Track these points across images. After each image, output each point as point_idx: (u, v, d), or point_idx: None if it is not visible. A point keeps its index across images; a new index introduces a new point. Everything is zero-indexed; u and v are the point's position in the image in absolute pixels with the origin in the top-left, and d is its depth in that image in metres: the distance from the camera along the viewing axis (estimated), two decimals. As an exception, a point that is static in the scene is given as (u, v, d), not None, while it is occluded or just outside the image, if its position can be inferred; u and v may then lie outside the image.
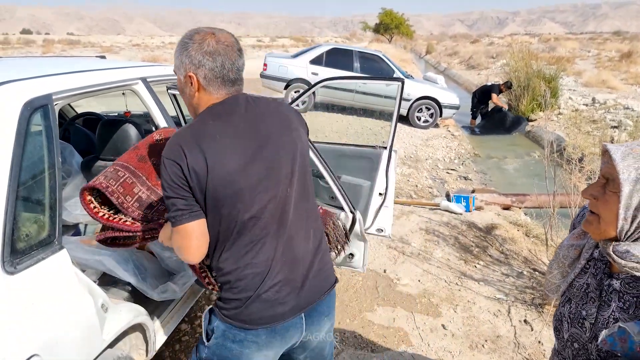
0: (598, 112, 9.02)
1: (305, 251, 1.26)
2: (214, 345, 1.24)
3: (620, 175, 0.80)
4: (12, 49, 26.27)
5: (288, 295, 1.22)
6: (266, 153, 1.15)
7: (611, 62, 19.75)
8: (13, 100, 1.30)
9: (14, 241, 1.20)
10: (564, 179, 3.36)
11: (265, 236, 1.17)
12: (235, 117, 1.14)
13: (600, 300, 0.92)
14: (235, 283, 1.19)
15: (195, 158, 1.07)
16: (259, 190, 1.13)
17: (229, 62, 1.13)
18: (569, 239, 1.03)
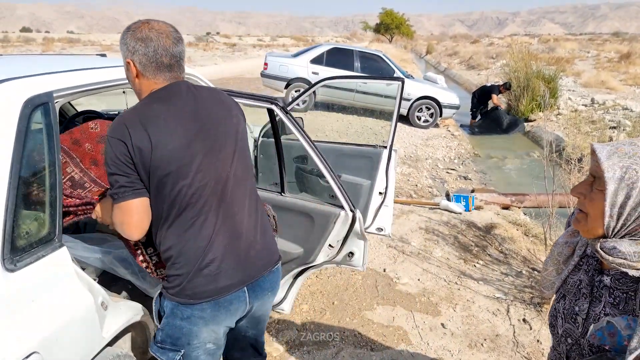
0: (597, 113, 9.03)
1: (248, 227, 1.33)
2: (165, 326, 1.33)
3: (605, 174, 0.81)
4: (11, 47, 26.23)
5: (231, 269, 1.28)
6: (208, 134, 1.23)
7: (610, 63, 19.77)
8: (14, 98, 1.30)
9: (14, 238, 1.20)
10: (563, 179, 3.36)
11: (208, 212, 1.24)
12: (178, 101, 1.22)
13: (591, 296, 0.94)
14: (178, 258, 1.24)
15: (139, 137, 1.14)
16: (200, 169, 1.21)
17: (162, 47, 1.21)
18: (564, 237, 1.06)
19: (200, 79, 2.49)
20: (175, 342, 1.34)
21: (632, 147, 0.83)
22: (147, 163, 1.15)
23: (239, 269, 1.31)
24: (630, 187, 0.80)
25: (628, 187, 0.80)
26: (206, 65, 19.57)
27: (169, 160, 1.16)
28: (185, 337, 1.32)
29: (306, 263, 1.95)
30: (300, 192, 2.76)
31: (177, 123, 1.19)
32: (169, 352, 1.35)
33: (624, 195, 0.81)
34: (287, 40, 55.21)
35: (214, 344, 1.39)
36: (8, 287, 1.16)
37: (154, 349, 1.39)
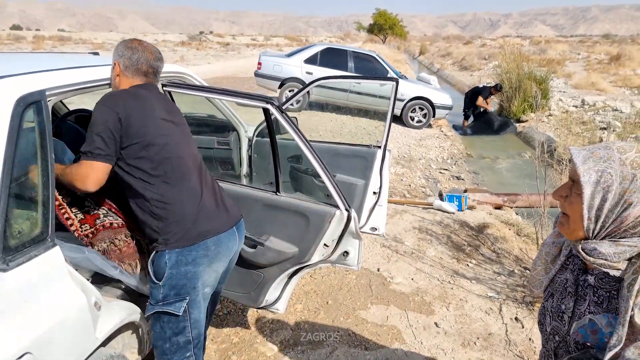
0: (587, 114, 9.14)
1: (217, 188, 1.68)
2: (168, 279, 1.48)
3: (582, 178, 0.84)
4: (1, 44, 25.86)
5: (222, 211, 1.61)
6: (175, 118, 1.61)
7: (600, 65, 20.02)
8: (6, 96, 1.29)
9: (6, 238, 1.18)
10: (554, 179, 3.40)
11: (191, 171, 1.56)
12: (151, 93, 1.56)
13: (576, 294, 0.96)
14: (179, 208, 1.49)
15: (128, 107, 1.44)
16: (177, 141, 1.54)
17: (144, 58, 1.56)
18: (551, 237, 1.08)
19: (194, 77, 2.48)
20: (179, 291, 1.49)
21: (607, 151, 0.85)
22: (133, 129, 1.42)
23: (226, 212, 1.63)
24: (605, 190, 0.82)
25: (604, 191, 0.82)
26: (199, 64, 19.48)
27: (154, 128, 1.47)
28: (190, 281, 1.50)
29: (301, 262, 1.95)
30: (295, 191, 2.76)
31: (154, 103, 1.53)
32: (175, 303, 1.49)
33: (600, 198, 0.83)
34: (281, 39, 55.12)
35: (210, 287, 1.62)
36: (0, 287, 1.14)
37: (155, 308, 1.49)
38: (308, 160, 1.81)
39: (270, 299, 2.06)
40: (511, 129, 9.03)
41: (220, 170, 3.06)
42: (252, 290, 2.05)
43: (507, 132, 8.99)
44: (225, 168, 3.08)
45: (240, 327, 2.49)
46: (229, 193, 2.03)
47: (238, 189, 2.11)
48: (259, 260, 1.97)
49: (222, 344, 2.35)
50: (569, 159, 0.92)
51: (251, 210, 2.01)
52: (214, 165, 3.03)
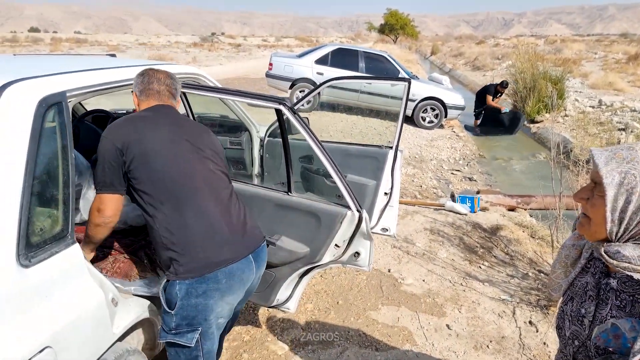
0: (605, 114, 8.98)
1: (236, 211, 1.59)
2: (179, 309, 1.43)
3: (604, 180, 0.82)
4: (20, 46, 26.44)
5: (237, 237, 1.52)
6: (186, 135, 1.56)
7: (618, 64, 19.62)
8: (28, 98, 1.32)
9: (28, 235, 1.22)
10: (570, 181, 3.35)
11: (201, 195, 1.48)
12: (159, 114, 1.57)
13: (598, 298, 0.94)
14: (186, 235, 1.44)
15: (128, 137, 1.44)
16: (182, 159, 1.49)
17: (155, 78, 1.63)
18: (571, 239, 1.06)
19: (207, 78, 2.52)
20: (191, 322, 1.44)
21: (630, 152, 0.83)
22: (132, 155, 1.42)
23: (242, 237, 1.54)
24: (629, 192, 0.81)
25: (627, 192, 0.81)
26: (211, 65, 19.65)
27: (154, 150, 1.45)
28: (201, 314, 1.44)
29: (312, 262, 1.96)
30: (306, 191, 2.78)
31: (160, 124, 1.53)
32: (187, 334, 1.45)
33: (623, 200, 0.81)
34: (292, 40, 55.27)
35: (224, 318, 1.56)
36: (22, 283, 1.18)
37: (169, 337, 1.46)
38: (319, 161, 1.82)
39: (281, 298, 2.08)
40: (522, 121, 8.83)
41: (232, 170, 3.10)
42: (264, 289, 2.07)
43: (519, 128, 8.83)
44: (237, 168, 3.11)
45: (252, 325, 2.52)
46: (241, 193, 2.06)
47: (250, 188, 2.13)
48: (271, 260, 1.98)
49: (234, 342, 2.37)
50: (587, 159, 0.91)
51: (263, 210, 2.03)
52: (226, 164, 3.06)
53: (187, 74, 2.38)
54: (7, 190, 1.18)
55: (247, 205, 1.71)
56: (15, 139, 1.24)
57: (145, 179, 1.44)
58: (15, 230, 1.18)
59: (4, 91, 1.27)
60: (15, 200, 1.19)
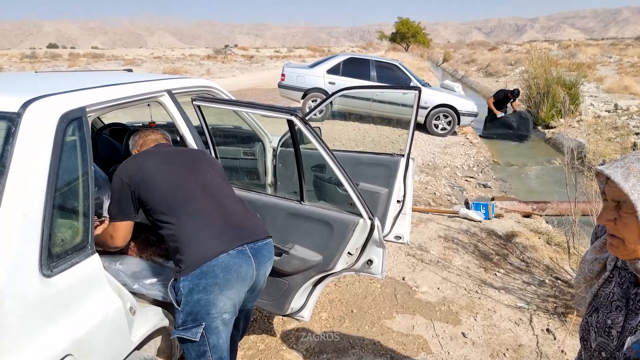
0: (621, 119, 8.82)
1: (238, 210, 1.72)
2: (185, 305, 1.54)
3: (631, 197, 0.80)
4: (39, 62, 27.30)
5: (231, 231, 1.61)
6: (180, 155, 1.79)
7: (633, 68, 19.27)
8: (50, 113, 1.38)
9: (50, 246, 1.26)
10: (585, 186, 3.30)
11: (195, 194, 1.65)
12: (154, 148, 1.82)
13: (627, 308, 0.92)
14: (186, 233, 1.56)
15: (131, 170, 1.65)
16: (176, 172, 1.69)
17: (149, 131, 1.90)
18: (591, 253, 1.04)
19: (221, 90, 2.58)
20: (195, 317, 1.54)
21: None
22: (136, 185, 1.61)
23: (238, 231, 1.64)
24: None
25: None
26: (225, 77, 19.96)
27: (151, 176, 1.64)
28: (204, 308, 1.54)
29: (325, 270, 1.98)
30: (319, 200, 2.80)
31: (155, 153, 1.76)
32: (192, 329, 1.54)
33: None
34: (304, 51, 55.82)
35: (229, 313, 1.62)
36: (44, 292, 1.22)
37: (177, 333, 1.56)
38: (331, 170, 1.84)
39: (295, 307, 2.09)
40: (530, 120, 8.81)
41: (246, 180, 3.14)
42: (278, 297, 2.09)
43: (531, 131, 8.78)
44: (250, 178, 3.15)
45: (267, 334, 2.53)
46: (254, 202, 2.09)
47: (263, 197, 2.16)
48: (284, 268, 2.00)
49: (249, 351, 2.39)
50: (596, 174, 0.89)
51: (276, 219, 2.06)
52: (240, 174, 3.11)
53: (201, 87, 2.44)
54: (31, 202, 1.23)
55: (257, 214, 1.82)
56: (38, 153, 1.29)
57: (149, 201, 1.62)
58: (38, 241, 1.22)
59: (27, 107, 1.33)
60: (38, 212, 1.23)
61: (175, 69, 22.25)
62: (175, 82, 2.21)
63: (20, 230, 1.18)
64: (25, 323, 1.15)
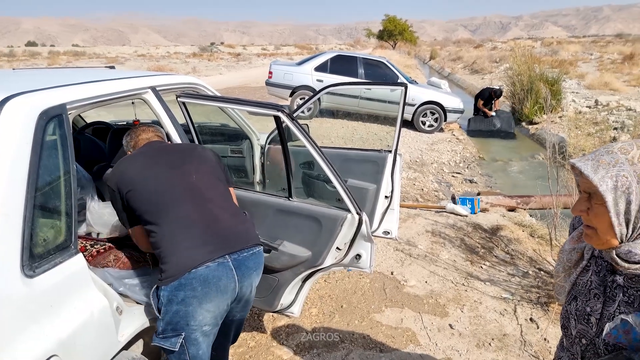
0: (601, 114, 9.01)
1: (224, 216, 1.63)
2: (164, 314, 1.52)
3: (600, 188, 0.83)
4: (17, 61, 26.61)
5: (212, 241, 1.54)
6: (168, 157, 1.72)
7: (614, 65, 19.70)
8: (29, 110, 1.34)
9: (32, 246, 1.24)
10: (566, 180, 3.37)
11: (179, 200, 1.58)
12: (142, 149, 1.76)
13: (605, 296, 0.95)
14: (168, 242, 1.52)
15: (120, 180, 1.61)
16: (162, 177, 1.62)
17: (140, 131, 1.84)
18: (569, 243, 1.07)
19: (207, 88, 2.55)
20: (175, 327, 1.51)
21: (612, 156, 0.85)
22: (124, 191, 1.59)
23: (221, 240, 1.56)
24: (627, 193, 0.82)
25: (625, 194, 0.82)
26: (211, 75, 19.79)
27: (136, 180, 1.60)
28: (183, 319, 1.51)
29: (314, 266, 1.98)
30: (307, 197, 2.80)
31: (142, 156, 1.70)
32: (171, 338, 1.52)
33: (624, 202, 0.83)
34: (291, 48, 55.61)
35: (209, 326, 1.57)
36: (27, 293, 1.19)
37: (156, 341, 1.54)
38: (319, 166, 1.84)
39: (285, 303, 2.09)
40: (511, 118, 9.09)
41: (234, 178, 3.12)
42: (268, 294, 2.09)
43: (513, 126, 9.02)
44: (238, 175, 3.14)
45: (257, 331, 2.52)
46: (243, 200, 2.08)
47: (251, 195, 2.16)
48: (273, 265, 2.00)
49: (239, 348, 2.38)
50: (571, 166, 0.91)
51: (265, 216, 2.05)
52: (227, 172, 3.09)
53: (187, 84, 2.41)
54: (10, 201, 1.20)
55: (243, 208, 1.76)
56: (18, 151, 1.26)
57: (136, 208, 1.59)
58: (19, 241, 1.20)
59: (4, 105, 1.29)
60: (18, 211, 1.21)
61: (160, 67, 21.96)
62: (159, 79, 2.18)
63: (1, 231, 1.16)
64: (8, 324, 1.13)
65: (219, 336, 1.70)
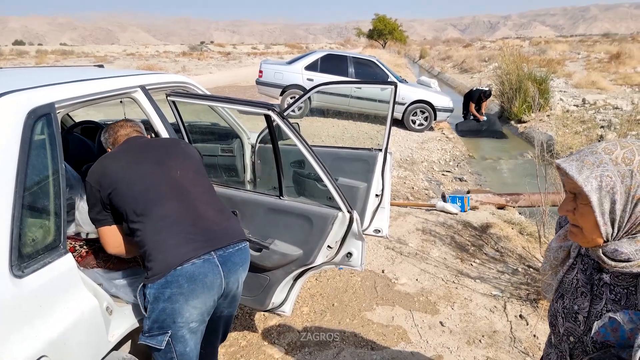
0: (588, 113, 9.15)
1: (209, 212, 1.63)
2: (151, 312, 1.51)
3: (584, 188, 0.84)
4: (4, 60, 26.17)
5: (197, 238, 1.54)
6: (151, 152, 1.70)
7: (601, 64, 20.01)
8: (17, 109, 1.33)
9: (20, 246, 1.23)
10: (554, 178, 3.42)
11: (163, 198, 1.57)
12: (122, 146, 1.75)
13: (592, 294, 0.96)
14: (152, 240, 1.51)
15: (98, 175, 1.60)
16: (145, 174, 1.61)
17: (118, 127, 1.84)
18: (556, 241, 1.08)
19: (197, 87, 2.54)
20: (161, 324, 1.50)
21: (596, 156, 0.86)
22: (105, 189, 1.57)
23: (207, 237, 1.56)
24: (611, 192, 0.83)
25: (610, 194, 0.83)
26: (201, 74, 19.65)
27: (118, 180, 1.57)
28: (169, 317, 1.50)
29: (306, 264, 1.99)
30: (298, 195, 2.80)
31: (123, 153, 1.69)
32: (158, 336, 1.51)
33: (609, 201, 0.84)
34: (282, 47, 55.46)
35: (196, 322, 1.57)
36: (16, 293, 1.18)
37: (143, 339, 1.53)
38: (310, 165, 1.85)
39: (276, 302, 2.10)
40: (496, 120, 9.38)
41: (224, 177, 3.11)
42: (259, 293, 2.09)
43: (497, 125, 9.23)
44: (229, 175, 3.13)
45: (248, 330, 2.52)
46: (233, 199, 2.08)
47: (242, 194, 2.15)
48: (264, 263, 2.01)
49: (231, 348, 2.38)
50: (557, 167, 0.92)
51: (255, 215, 2.05)
52: (218, 172, 3.08)
53: (176, 83, 2.40)
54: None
55: (232, 208, 1.74)
56: (5, 150, 1.25)
57: (119, 206, 1.57)
58: (7, 241, 1.18)
59: (-7, 104, 1.28)
60: (6, 211, 1.19)
61: (149, 66, 21.75)
62: (149, 78, 2.17)
63: (-12, 230, 1.15)
64: (-4, 325, 1.12)
65: (207, 334, 1.70)
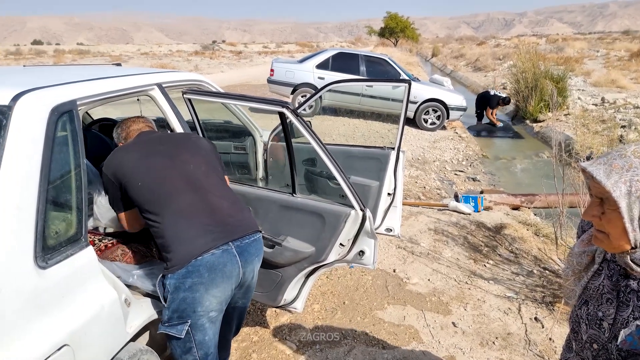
0: (608, 112, 8.97)
1: (223, 204, 1.67)
2: (171, 302, 1.54)
3: (613, 194, 0.82)
4: (24, 59, 26.72)
5: (215, 229, 1.58)
6: (165, 146, 1.75)
7: (620, 62, 19.56)
8: (41, 106, 1.38)
9: (45, 238, 1.27)
10: (573, 178, 3.37)
11: (179, 191, 1.61)
12: (136, 139, 1.79)
13: (618, 300, 0.93)
14: (171, 232, 1.55)
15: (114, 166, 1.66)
16: (159, 168, 1.65)
17: (130, 122, 1.89)
18: (579, 246, 1.05)
19: (211, 85, 2.57)
20: (181, 314, 1.54)
21: (625, 160, 0.83)
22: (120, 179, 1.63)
23: (223, 228, 1.61)
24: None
25: (639, 199, 0.81)
26: (213, 73, 19.80)
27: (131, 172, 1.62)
28: (190, 306, 1.54)
29: (318, 262, 2.00)
30: (310, 193, 2.82)
31: (137, 146, 1.73)
32: (177, 326, 1.55)
33: (638, 207, 0.81)
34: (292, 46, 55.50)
35: (215, 311, 1.61)
36: (40, 284, 1.22)
37: (162, 329, 1.57)
38: (323, 163, 1.86)
39: (288, 298, 2.11)
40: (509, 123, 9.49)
41: (237, 174, 3.14)
42: (271, 289, 2.11)
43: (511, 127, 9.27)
44: (242, 172, 3.16)
45: (260, 326, 2.55)
46: (247, 195, 2.10)
47: (255, 190, 2.18)
48: (277, 260, 2.03)
49: (243, 343, 2.41)
50: (582, 170, 0.90)
51: (268, 212, 2.07)
52: (231, 169, 3.11)
53: (192, 81, 2.44)
54: (24, 195, 1.23)
55: (247, 204, 1.80)
56: (31, 146, 1.29)
57: (135, 199, 1.62)
58: (33, 233, 1.23)
59: (18, 100, 1.32)
60: (32, 204, 1.24)
61: (162, 64, 21.99)
62: (165, 76, 2.21)
63: (15, 223, 1.19)
64: (21, 314, 1.16)
65: (221, 326, 1.74)
